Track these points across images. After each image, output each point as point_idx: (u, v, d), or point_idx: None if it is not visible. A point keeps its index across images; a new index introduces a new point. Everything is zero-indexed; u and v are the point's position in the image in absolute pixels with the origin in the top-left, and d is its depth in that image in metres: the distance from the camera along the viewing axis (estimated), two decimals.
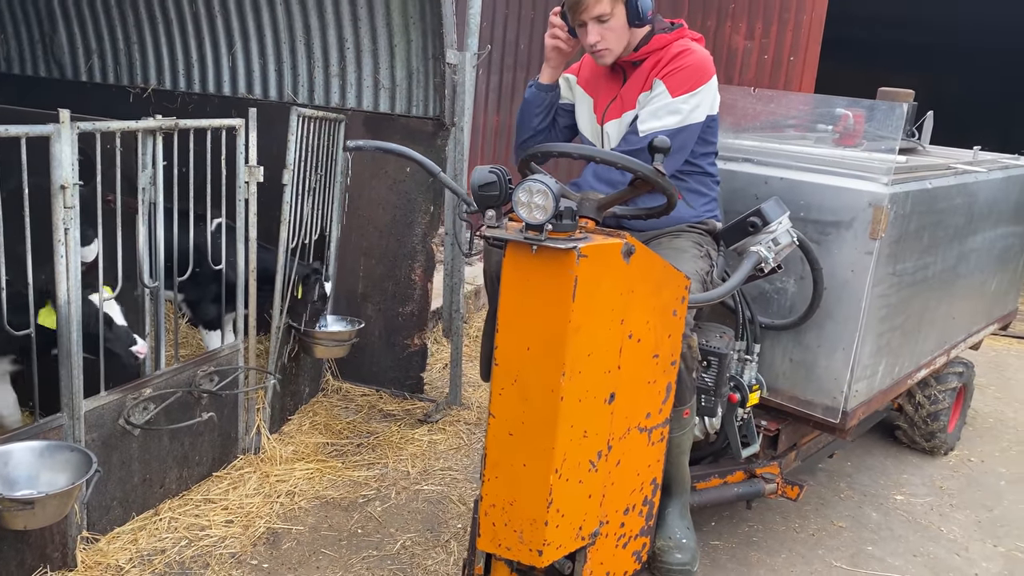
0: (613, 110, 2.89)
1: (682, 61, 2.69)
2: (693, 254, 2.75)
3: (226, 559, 3.13)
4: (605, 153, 2.25)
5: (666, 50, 2.77)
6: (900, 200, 3.14)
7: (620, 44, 2.74)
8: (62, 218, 2.72)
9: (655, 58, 2.78)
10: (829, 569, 3.45)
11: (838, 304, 3.19)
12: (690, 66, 2.68)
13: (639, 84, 2.82)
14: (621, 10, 2.66)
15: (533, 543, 2.15)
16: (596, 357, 2.12)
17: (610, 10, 2.65)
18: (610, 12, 2.65)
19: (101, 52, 5.43)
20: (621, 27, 2.70)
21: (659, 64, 2.76)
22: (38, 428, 2.81)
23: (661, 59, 2.73)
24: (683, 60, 2.69)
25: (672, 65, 2.69)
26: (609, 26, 2.68)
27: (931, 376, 4.40)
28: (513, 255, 2.04)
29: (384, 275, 4.67)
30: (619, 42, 2.73)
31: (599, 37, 2.70)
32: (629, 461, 2.36)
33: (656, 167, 2.16)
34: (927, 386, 4.44)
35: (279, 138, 3.77)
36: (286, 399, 4.23)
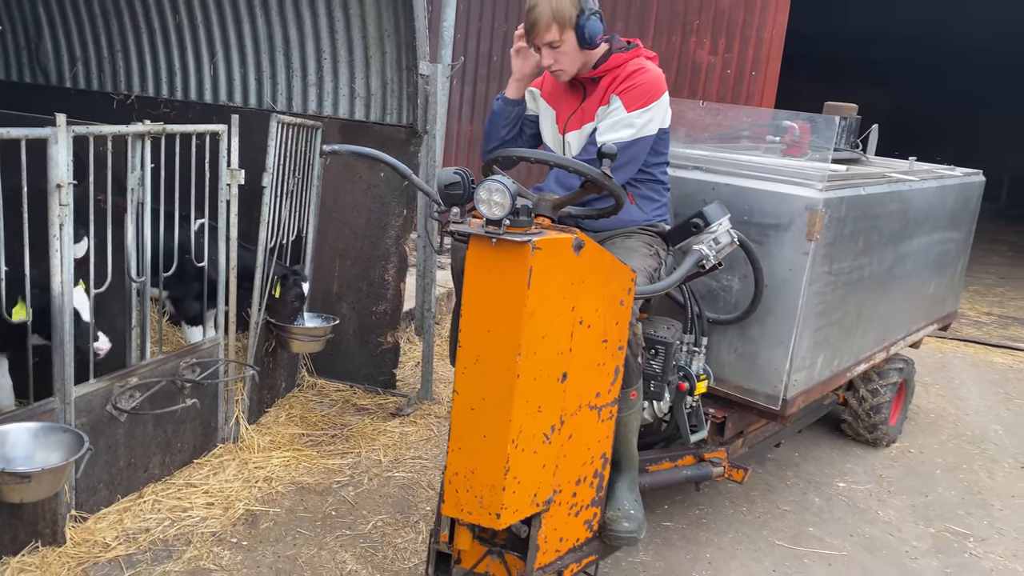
0: (574, 122, 3.13)
1: (637, 79, 2.93)
2: (643, 253, 3.00)
3: (207, 537, 3.33)
4: (559, 158, 2.50)
5: (623, 68, 3.00)
6: (834, 205, 3.42)
7: (574, 65, 2.98)
8: (57, 215, 2.92)
9: (612, 75, 3.02)
10: (772, 547, 3.71)
11: (778, 300, 3.46)
12: (644, 83, 2.93)
13: (598, 99, 3.06)
14: (571, 36, 2.89)
15: (492, 507, 2.38)
16: (549, 340, 2.36)
17: (559, 37, 2.88)
18: (559, 39, 2.88)
19: (86, 59, 5.62)
20: (572, 51, 2.93)
21: (616, 81, 3.00)
22: (31, 411, 3.00)
23: (618, 76, 2.97)
24: (638, 78, 2.93)
25: (628, 82, 2.93)
26: (561, 51, 2.92)
27: (872, 371, 4.70)
28: (475, 247, 2.28)
29: (359, 275, 4.89)
30: (572, 64, 2.97)
31: (552, 60, 2.94)
32: (580, 436, 2.60)
33: (604, 171, 2.42)
34: (869, 381, 4.73)
35: (259, 144, 3.98)
36: (263, 392, 4.43)
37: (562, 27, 2.85)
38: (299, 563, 3.24)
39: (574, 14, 2.84)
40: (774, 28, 8.46)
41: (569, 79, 3.04)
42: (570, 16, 2.84)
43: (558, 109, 3.20)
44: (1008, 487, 4.58)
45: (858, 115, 4.82)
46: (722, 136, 4.45)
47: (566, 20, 2.84)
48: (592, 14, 2.86)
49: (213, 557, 3.21)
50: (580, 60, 2.98)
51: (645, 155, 3.04)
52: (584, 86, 3.11)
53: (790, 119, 4.03)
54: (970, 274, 10.90)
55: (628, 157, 2.89)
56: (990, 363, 6.98)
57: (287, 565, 3.21)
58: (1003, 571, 3.70)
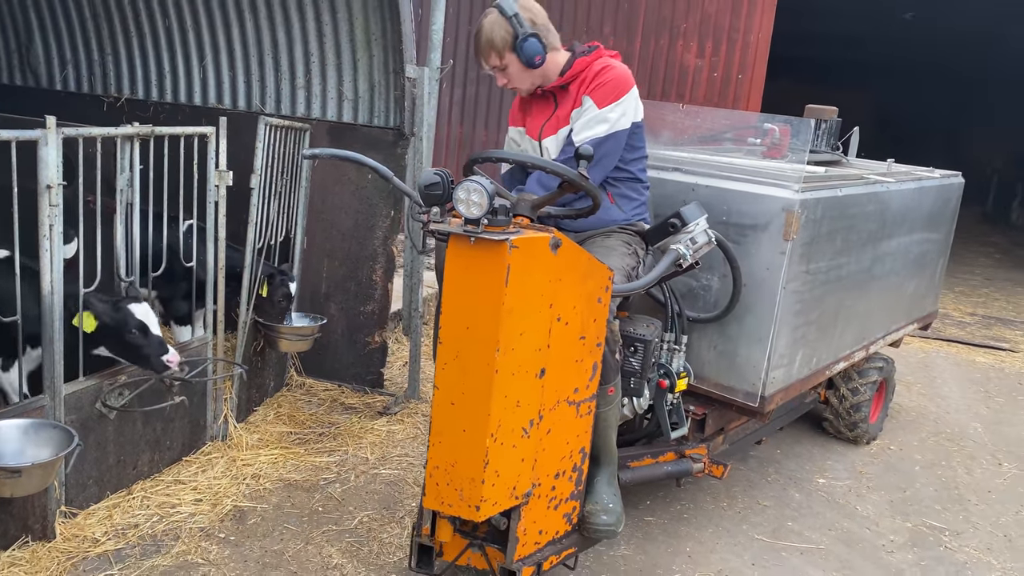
0: (549, 128, 3.23)
1: (604, 76, 3.04)
2: (622, 252, 3.07)
3: (195, 532, 3.38)
4: (537, 159, 2.58)
5: (588, 70, 3.12)
6: (811, 206, 3.50)
7: (524, 82, 3.15)
8: (48, 215, 2.97)
9: (580, 79, 3.13)
10: (751, 541, 3.78)
11: (756, 299, 3.53)
12: (612, 80, 3.04)
13: (570, 103, 3.17)
14: (512, 58, 3.06)
15: (471, 500, 2.45)
16: (527, 336, 2.43)
17: (500, 62, 3.07)
18: (502, 63, 3.07)
19: (76, 62, 5.67)
20: (518, 71, 3.10)
21: (584, 82, 3.11)
22: (22, 407, 3.05)
23: (586, 78, 3.09)
24: (605, 76, 3.04)
25: (596, 81, 3.04)
26: (509, 73, 3.11)
27: (853, 370, 4.78)
28: (455, 246, 2.35)
29: (347, 276, 4.94)
30: (522, 81, 3.14)
31: (504, 80, 3.16)
32: (559, 430, 2.67)
33: (580, 172, 2.49)
34: (850, 380, 4.81)
35: (248, 146, 4.04)
36: (252, 391, 4.48)
37: (500, 53, 3.05)
38: (285, 557, 3.29)
39: (509, 40, 3.03)
40: (760, 32, 8.55)
41: (529, 93, 3.20)
42: (506, 42, 3.04)
43: (532, 120, 3.31)
44: (985, 483, 4.66)
45: (839, 118, 4.89)
46: (705, 139, 4.53)
47: (503, 46, 3.04)
48: (528, 36, 3.01)
49: (201, 552, 3.27)
50: (530, 78, 3.13)
51: (621, 149, 3.12)
52: (554, 95, 3.23)
53: (770, 122, 4.10)
54: (956, 275, 11.04)
55: (605, 152, 2.98)
56: (972, 362, 7.07)
57: (273, 559, 3.27)
58: (977, 564, 3.78)
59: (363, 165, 3.02)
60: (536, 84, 3.16)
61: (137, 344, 3.27)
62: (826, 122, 4.82)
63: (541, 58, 3.04)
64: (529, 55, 3.01)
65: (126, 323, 3.25)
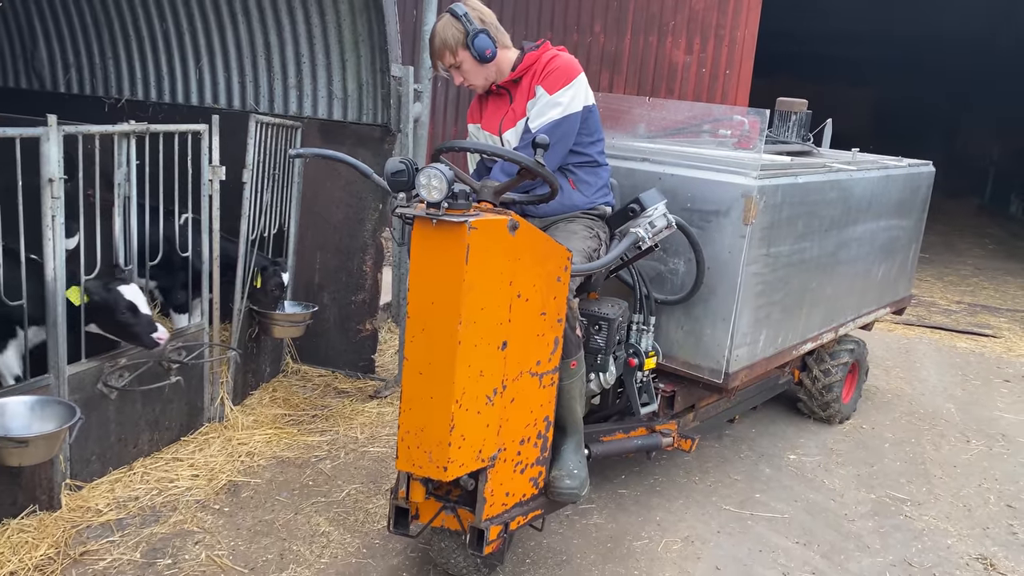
0: (507, 122, 3.42)
1: (552, 65, 3.25)
2: (583, 235, 3.28)
3: (192, 504, 3.61)
4: (495, 148, 2.79)
5: (538, 62, 3.33)
6: (769, 192, 3.69)
7: (479, 77, 3.35)
8: (50, 207, 3.20)
9: (531, 71, 3.34)
10: (719, 511, 3.98)
11: (719, 281, 3.74)
12: (559, 67, 3.25)
13: (524, 96, 3.37)
14: (466, 54, 3.27)
15: (439, 461, 2.66)
16: (488, 311, 2.64)
17: (454, 60, 3.28)
18: (456, 60, 3.28)
19: (79, 66, 5.91)
20: (472, 66, 3.30)
21: (535, 74, 3.32)
22: (27, 386, 3.28)
23: (536, 70, 3.30)
24: (553, 64, 3.25)
25: (546, 70, 3.25)
26: (463, 69, 3.31)
27: (824, 352, 4.97)
28: (419, 228, 2.56)
29: (338, 267, 5.17)
30: (477, 76, 3.34)
31: (460, 78, 3.36)
32: (523, 400, 2.88)
33: (536, 159, 2.70)
34: (822, 361, 5.00)
35: (242, 143, 4.26)
36: (248, 376, 4.71)
37: (454, 51, 3.26)
38: (276, 526, 3.51)
39: (461, 38, 3.24)
40: (747, 28, 8.74)
41: (484, 89, 3.41)
42: (458, 40, 3.24)
43: (490, 117, 3.50)
44: (951, 458, 4.85)
45: (808, 110, 5.09)
46: (683, 131, 4.73)
47: (456, 44, 3.25)
48: (478, 32, 3.23)
49: (197, 521, 3.49)
50: (483, 72, 3.33)
51: (576, 131, 3.30)
52: (508, 90, 3.43)
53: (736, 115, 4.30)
54: (947, 265, 11.21)
55: (561, 134, 3.19)
56: (953, 348, 7.24)
57: (265, 527, 3.49)
58: (934, 531, 3.97)
59: (344, 163, 3.24)
60: (490, 80, 3.36)
61: (128, 323, 3.50)
62: (796, 114, 5.03)
63: (492, 52, 3.24)
64: (480, 49, 3.21)
65: (117, 303, 3.47)
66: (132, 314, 3.50)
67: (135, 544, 3.28)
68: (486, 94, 3.48)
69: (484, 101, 3.52)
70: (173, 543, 3.32)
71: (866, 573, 3.58)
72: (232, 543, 3.36)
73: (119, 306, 3.48)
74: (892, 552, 3.76)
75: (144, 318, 3.52)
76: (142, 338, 3.53)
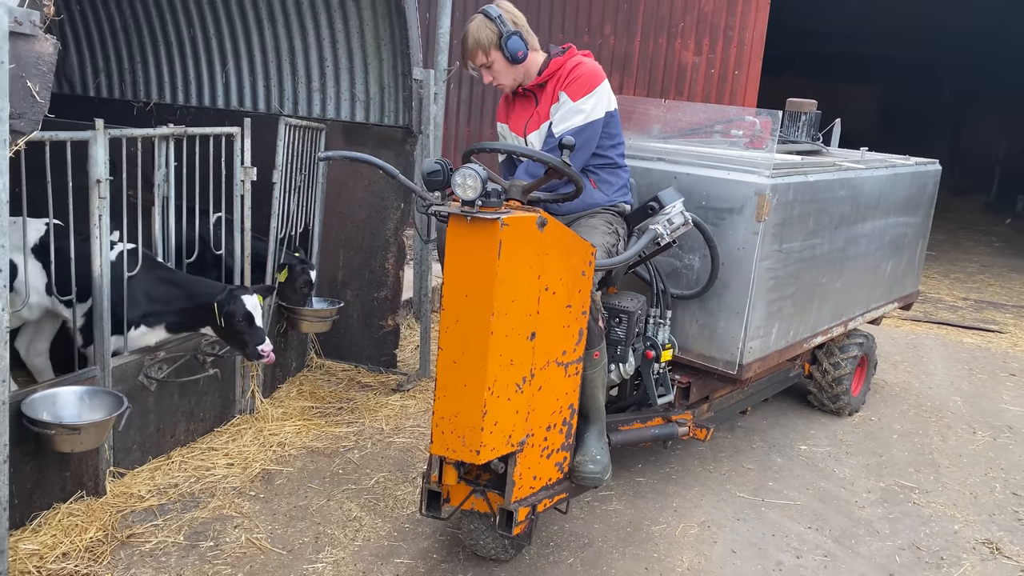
0: (532, 124, 3.57)
1: (577, 72, 3.39)
2: (603, 231, 3.43)
3: (229, 491, 3.77)
4: (524, 149, 2.95)
5: (562, 68, 3.46)
6: (782, 190, 3.84)
7: (508, 78, 3.47)
8: (97, 206, 3.36)
9: (556, 77, 3.48)
10: (733, 498, 4.13)
11: (733, 276, 3.88)
12: (583, 75, 3.38)
13: (549, 100, 3.51)
14: (498, 55, 3.39)
15: (472, 445, 2.81)
16: (518, 303, 2.79)
17: (487, 60, 3.40)
18: (488, 60, 3.40)
19: (108, 70, 6.08)
20: (504, 67, 3.42)
21: (560, 80, 3.45)
22: (75, 377, 3.45)
23: (560, 76, 3.44)
24: (577, 71, 3.39)
25: (569, 77, 3.39)
26: (494, 69, 3.43)
27: (834, 345, 5.11)
28: (454, 224, 2.72)
29: (361, 264, 5.33)
30: (506, 77, 3.46)
31: (490, 78, 3.47)
32: (549, 388, 3.03)
33: (563, 159, 2.85)
34: (831, 355, 5.14)
35: (269, 145, 4.43)
36: (276, 370, 4.87)
37: (486, 51, 3.38)
38: (310, 511, 3.68)
39: (494, 39, 3.36)
40: (755, 29, 8.88)
41: (512, 90, 3.54)
42: (491, 40, 3.35)
43: (517, 119, 3.64)
44: (958, 448, 4.98)
45: (818, 110, 5.23)
46: (697, 131, 4.87)
47: (489, 44, 3.37)
48: (511, 35, 3.35)
49: (234, 507, 3.65)
50: (512, 73, 3.46)
51: (598, 136, 3.45)
52: (534, 94, 3.56)
53: (747, 115, 4.44)
54: (954, 262, 11.32)
55: (583, 140, 3.34)
56: (960, 343, 7.37)
57: (299, 513, 3.65)
58: (941, 517, 4.11)
59: (371, 165, 3.39)
60: (518, 81, 3.50)
61: (241, 331, 3.73)
62: (806, 114, 5.17)
63: (524, 53, 3.37)
64: (513, 51, 3.34)
65: (235, 312, 3.70)
66: (248, 324, 3.68)
67: (178, 528, 3.45)
68: (513, 95, 3.62)
69: (511, 102, 3.66)
70: (214, 527, 3.48)
71: (876, 556, 3.72)
72: (270, 527, 3.52)
73: (236, 314, 3.66)
74: (901, 536, 3.90)
75: (258, 331, 3.69)
76: (248, 348, 3.71)
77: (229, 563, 3.25)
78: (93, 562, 3.15)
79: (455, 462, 3.04)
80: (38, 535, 3.21)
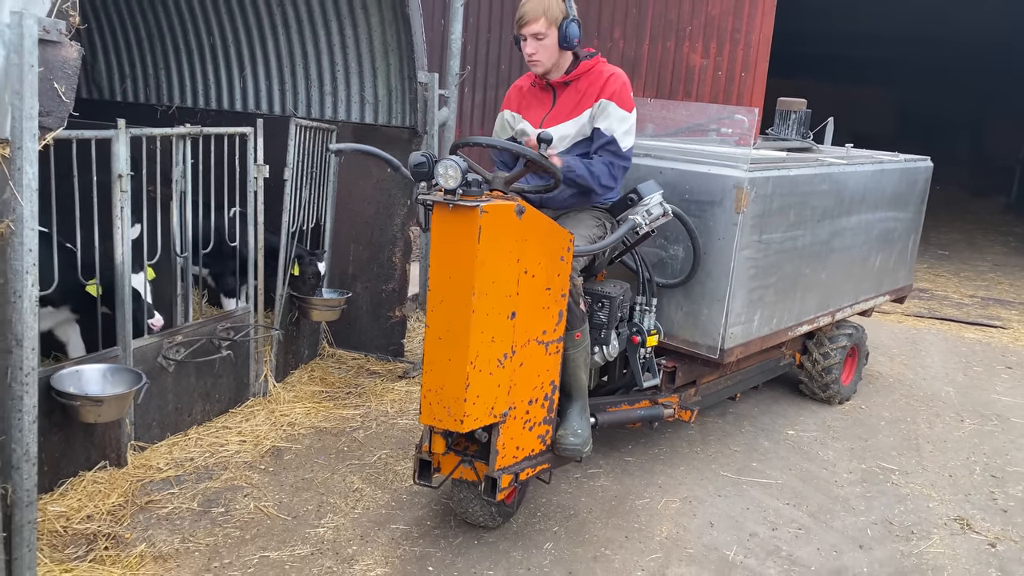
0: (549, 120, 3.72)
1: (618, 84, 3.60)
2: (590, 224, 3.65)
3: (240, 465, 4.05)
4: (505, 143, 3.19)
5: (596, 72, 3.63)
6: (760, 183, 4.05)
7: (550, 59, 3.59)
8: (119, 200, 3.67)
9: (587, 80, 3.64)
10: (717, 477, 4.34)
11: (715, 265, 4.10)
12: (625, 85, 3.61)
13: (574, 100, 3.66)
14: (554, 32, 3.52)
15: (456, 415, 3.06)
16: (498, 284, 3.04)
17: (544, 30, 3.48)
18: (544, 32, 3.49)
19: (134, 76, 6.43)
20: (552, 46, 3.55)
21: (595, 84, 3.61)
22: (99, 356, 3.75)
23: (594, 81, 3.60)
24: (618, 82, 3.60)
25: (615, 87, 3.59)
26: (543, 43, 3.52)
27: (823, 335, 5.30)
28: (438, 211, 2.96)
29: (370, 258, 5.61)
30: (548, 57, 3.57)
31: (534, 50, 3.55)
32: (530, 365, 3.27)
33: (541, 153, 3.09)
34: (821, 345, 5.32)
35: (283, 146, 4.72)
36: (288, 357, 5.16)
37: (549, 23, 3.47)
38: (315, 483, 3.95)
39: (560, 16, 3.48)
40: (761, 32, 9.07)
41: (541, 73, 3.66)
42: (556, 16, 3.47)
43: (528, 110, 3.81)
44: (944, 435, 5.15)
45: (808, 109, 5.42)
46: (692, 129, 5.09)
47: (553, 18, 3.47)
48: (573, 20, 3.51)
49: (245, 478, 3.93)
50: (555, 56, 3.59)
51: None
52: (555, 90, 3.72)
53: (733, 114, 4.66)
54: (966, 261, 11.39)
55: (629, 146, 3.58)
56: (960, 338, 7.50)
57: (305, 484, 3.93)
58: (918, 496, 4.29)
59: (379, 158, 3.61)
60: (549, 67, 3.60)
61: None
62: (796, 113, 5.37)
63: (577, 41, 3.53)
64: (569, 36, 3.50)
65: None
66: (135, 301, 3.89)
67: (192, 496, 3.73)
68: (529, 86, 3.78)
69: (525, 94, 3.82)
70: (225, 495, 3.76)
71: (849, 530, 3.91)
72: (277, 496, 3.80)
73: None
74: (875, 513, 4.09)
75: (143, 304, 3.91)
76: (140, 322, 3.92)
77: (238, 526, 3.53)
78: (115, 524, 3.44)
79: (443, 432, 3.29)
80: (65, 499, 3.51)
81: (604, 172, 3.61)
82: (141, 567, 3.18)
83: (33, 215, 2.55)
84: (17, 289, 2.54)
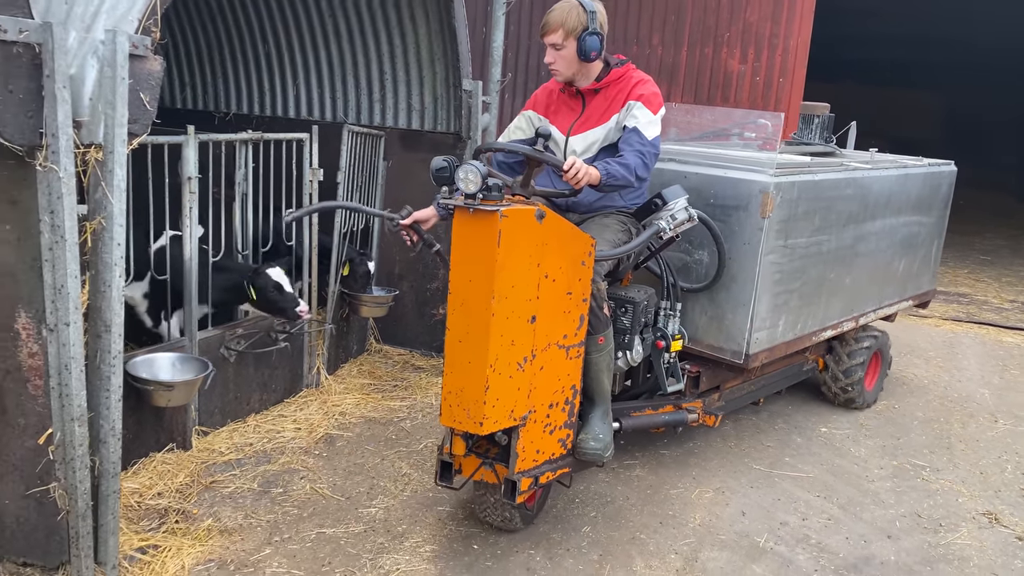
0: (578, 127, 3.81)
1: (646, 88, 3.66)
2: (615, 228, 3.75)
3: (296, 450, 4.34)
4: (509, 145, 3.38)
5: (626, 79, 3.72)
6: (786, 188, 4.16)
7: (569, 69, 3.64)
8: (188, 200, 3.97)
9: (617, 87, 3.72)
10: (749, 470, 4.51)
11: (740, 270, 4.17)
12: (655, 91, 3.69)
13: (603, 107, 3.74)
14: (572, 44, 3.54)
15: (476, 417, 3.07)
16: (519, 288, 3.05)
17: (562, 41, 3.54)
18: (562, 43, 3.54)
19: (193, 85, 6.80)
20: (571, 57, 3.58)
21: (625, 90, 3.69)
22: (168, 346, 4.06)
23: (623, 87, 3.68)
24: (648, 87, 3.66)
25: (642, 90, 3.64)
26: (561, 54, 3.58)
27: (847, 339, 5.33)
28: (459, 215, 2.99)
29: (415, 258, 5.87)
30: (567, 67, 3.62)
31: (552, 60, 3.62)
32: (551, 368, 3.31)
33: (537, 148, 3.23)
34: (844, 349, 5.36)
35: (334, 150, 5.00)
36: (339, 351, 5.45)
37: (567, 34, 3.53)
38: (366, 468, 4.21)
39: (579, 28, 3.51)
40: (799, 37, 9.16)
41: (564, 81, 3.76)
42: (575, 28, 3.52)
43: (558, 119, 3.86)
44: (976, 435, 5.24)
45: (831, 113, 5.52)
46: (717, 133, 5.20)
47: (571, 30, 3.52)
48: (593, 33, 3.51)
49: (301, 463, 4.21)
50: (574, 67, 3.64)
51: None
52: (584, 97, 3.81)
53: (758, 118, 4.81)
54: (1008, 267, 11.33)
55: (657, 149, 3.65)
56: (999, 342, 7.53)
57: (357, 469, 4.19)
58: (947, 492, 4.42)
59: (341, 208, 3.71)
60: (572, 77, 3.66)
61: (275, 300, 4.24)
62: (819, 117, 5.48)
63: (596, 54, 3.53)
64: (587, 48, 3.51)
65: (266, 284, 4.21)
66: (279, 292, 4.22)
67: (252, 477, 4.02)
68: (560, 91, 3.86)
69: (554, 99, 3.86)
70: (283, 477, 4.05)
71: (878, 521, 4.06)
72: (331, 479, 4.07)
73: (268, 286, 4.20)
74: (904, 507, 4.23)
75: (289, 295, 4.23)
76: (288, 311, 4.22)
77: (296, 505, 3.80)
78: (183, 501, 3.74)
79: (463, 434, 3.34)
80: (138, 477, 3.82)
81: (639, 163, 3.53)
82: (209, 539, 3.47)
83: (121, 212, 2.84)
84: (107, 279, 2.83)
